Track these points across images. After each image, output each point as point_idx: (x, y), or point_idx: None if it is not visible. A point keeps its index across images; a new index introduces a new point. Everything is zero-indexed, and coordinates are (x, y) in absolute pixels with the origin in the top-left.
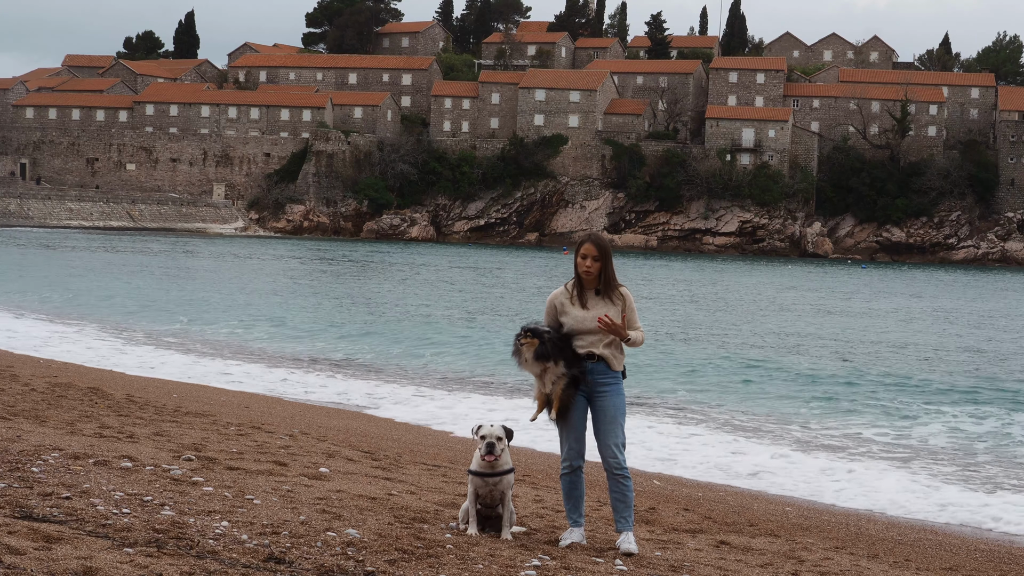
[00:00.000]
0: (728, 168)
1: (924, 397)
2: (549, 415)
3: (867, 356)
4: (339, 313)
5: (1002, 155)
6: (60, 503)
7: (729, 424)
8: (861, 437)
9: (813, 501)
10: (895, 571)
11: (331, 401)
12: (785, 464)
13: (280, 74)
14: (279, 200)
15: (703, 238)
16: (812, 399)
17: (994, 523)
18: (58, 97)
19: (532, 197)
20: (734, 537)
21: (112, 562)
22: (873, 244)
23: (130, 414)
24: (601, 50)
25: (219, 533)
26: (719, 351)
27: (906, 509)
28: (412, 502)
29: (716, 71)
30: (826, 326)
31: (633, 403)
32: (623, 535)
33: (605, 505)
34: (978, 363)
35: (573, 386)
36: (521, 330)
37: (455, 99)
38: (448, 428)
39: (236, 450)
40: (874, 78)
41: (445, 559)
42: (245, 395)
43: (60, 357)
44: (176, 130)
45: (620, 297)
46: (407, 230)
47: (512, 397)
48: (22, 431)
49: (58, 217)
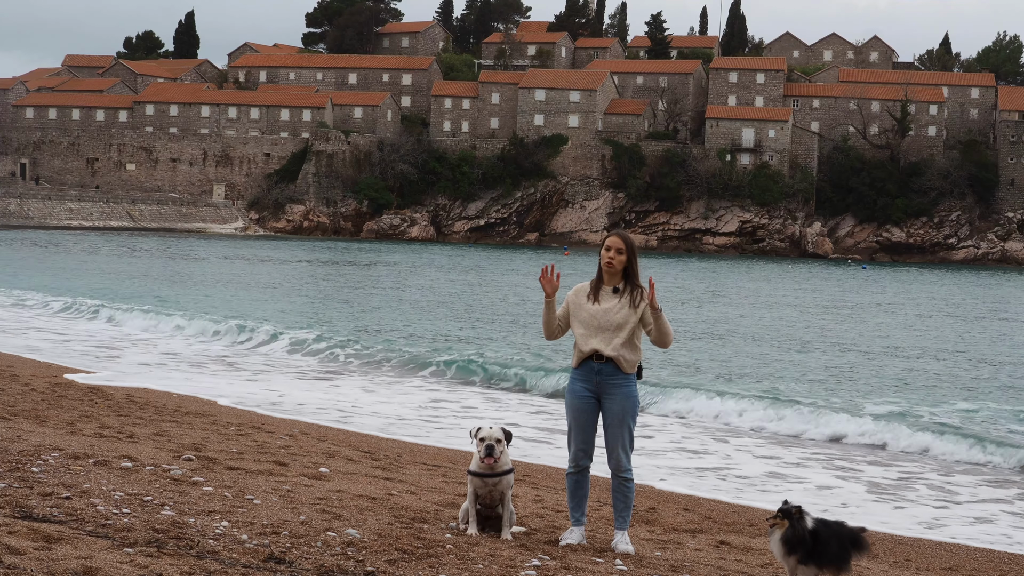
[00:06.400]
0: (728, 168)
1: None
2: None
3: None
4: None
5: (1002, 155)
6: (60, 503)
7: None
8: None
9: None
10: (895, 571)
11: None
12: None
13: (280, 74)
14: (279, 200)
15: (703, 238)
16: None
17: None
18: (58, 97)
19: (532, 197)
20: (734, 537)
21: (112, 562)
22: (873, 244)
23: (130, 414)
24: (601, 50)
25: (219, 533)
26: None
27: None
28: (412, 502)
29: (716, 71)
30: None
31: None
32: (618, 535)
33: (605, 505)
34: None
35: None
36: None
37: (455, 99)
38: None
39: (236, 450)
40: (874, 78)
41: (445, 559)
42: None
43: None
44: (176, 130)
45: (640, 296)
46: (407, 230)
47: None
48: (22, 431)
49: (58, 217)
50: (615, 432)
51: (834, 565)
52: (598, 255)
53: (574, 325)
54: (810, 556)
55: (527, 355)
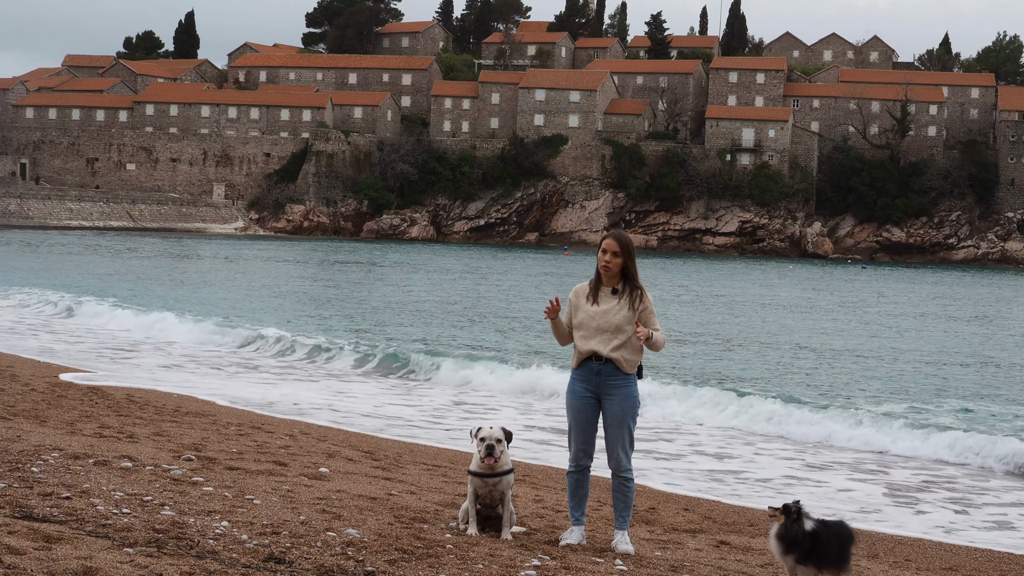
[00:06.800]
0: (728, 168)
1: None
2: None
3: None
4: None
5: (1002, 155)
6: (60, 503)
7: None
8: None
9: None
10: (895, 571)
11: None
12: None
13: (280, 74)
14: (279, 200)
15: (703, 238)
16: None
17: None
18: (58, 97)
19: (532, 197)
20: (734, 537)
21: (112, 562)
22: (873, 244)
23: (130, 414)
24: (601, 50)
25: (219, 533)
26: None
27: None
28: (412, 502)
29: (716, 71)
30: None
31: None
32: (618, 535)
33: (605, 505)
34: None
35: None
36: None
37: (455, 99)
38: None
39: (236, 450)
40: (874, 78)
41: (445, 559)
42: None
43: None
44: (176, 130)
45: (639, 298)
46: (407, 230)
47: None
48: (22, 431)
49: (58, 217)
50: (615, 432)
51: (834, 566)
52: (596, 256)
53: (574, 326)
54: (809, 556)
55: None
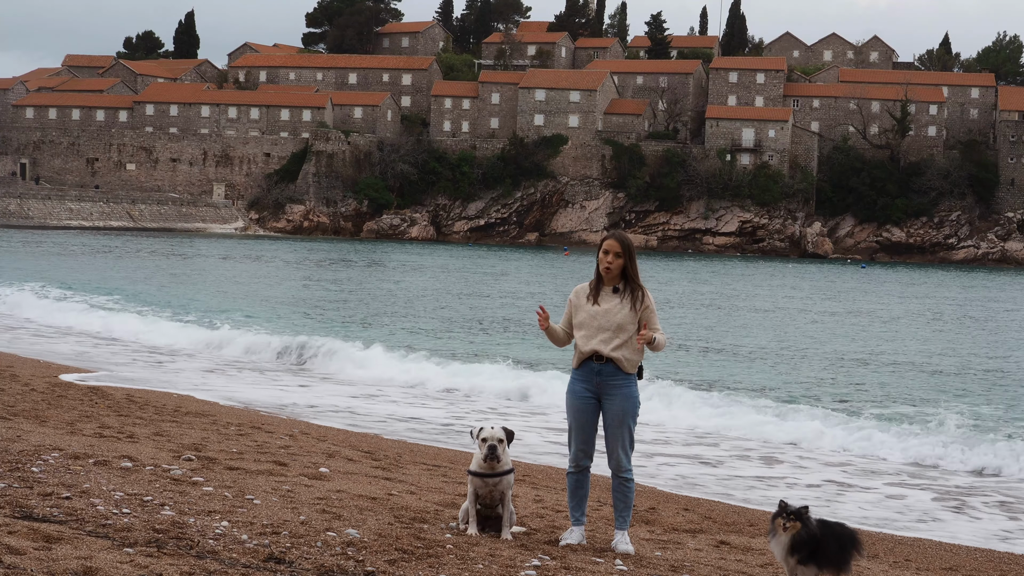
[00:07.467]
0: (728, 168)
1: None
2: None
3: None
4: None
5: (1002, 155)
6: (60, 503)
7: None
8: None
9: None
10: (895, 571)
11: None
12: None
13: (280, 74)
14: (279, 200)
15: (703, 238)
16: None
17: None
18: (58, 97)
19: (532, 197)
20: (734, 537)
21: (112, 562)
22: (873, 244)
23: (130, 414)
24: (601, 50)
25: (219, 533)
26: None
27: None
28: (412, 502)
29: (716, 71)
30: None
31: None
32: (618, 535)
33: (605, 505)
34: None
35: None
36: (780, 507)
37: (455, 99)
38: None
39: (236, 450)
40: (874, 78)
41: (445, 559)
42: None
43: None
44: (176, 130)
45: (640, 298)
46: (407, 230)
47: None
48: (22, 431)
49: (58, 217)
50: (615, 432)
51: (834, 566)
52: (596, 256)
53: (575, 326)
54: (811, 557)
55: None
